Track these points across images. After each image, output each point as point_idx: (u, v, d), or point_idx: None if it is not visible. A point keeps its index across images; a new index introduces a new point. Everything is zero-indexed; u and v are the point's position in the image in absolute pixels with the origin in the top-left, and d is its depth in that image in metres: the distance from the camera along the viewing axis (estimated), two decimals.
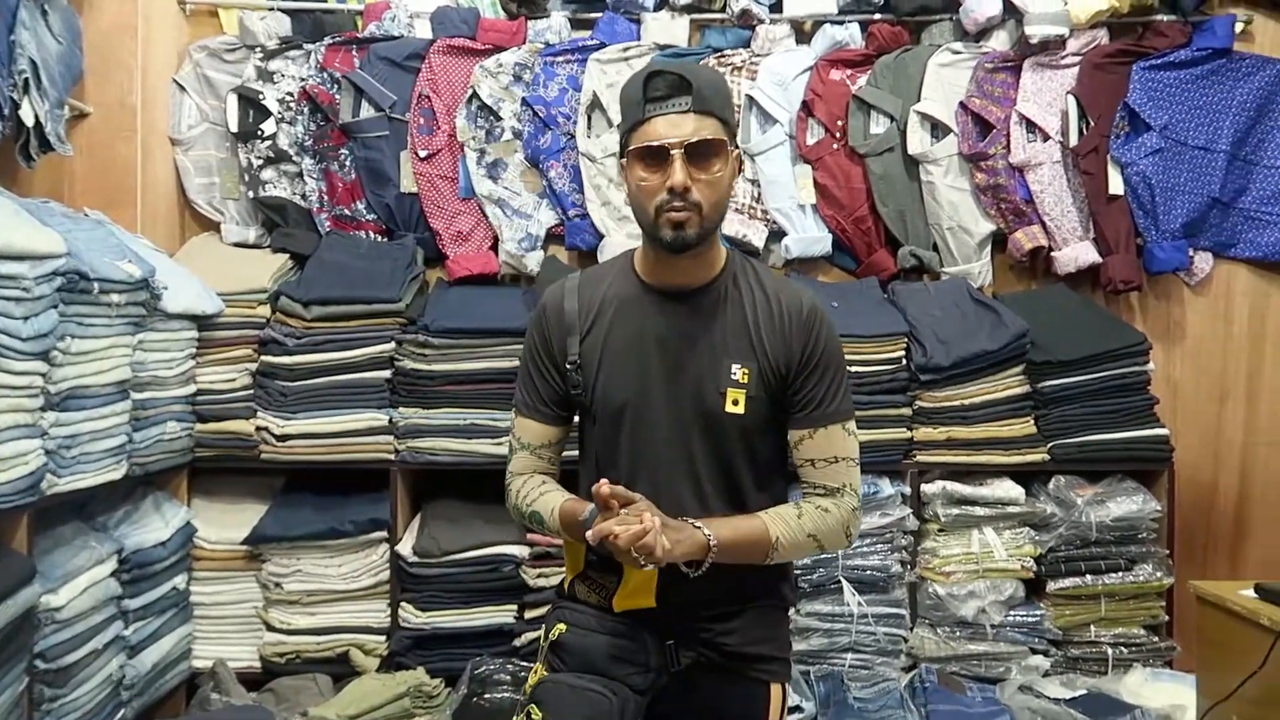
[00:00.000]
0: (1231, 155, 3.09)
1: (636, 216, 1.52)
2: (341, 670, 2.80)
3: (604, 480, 1.41)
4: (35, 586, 2.09)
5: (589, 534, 1.39)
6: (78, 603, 2.23)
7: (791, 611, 1.74)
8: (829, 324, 1.56)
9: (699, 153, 1.45)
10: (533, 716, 1.48)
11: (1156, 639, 2.83)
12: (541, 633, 1.63)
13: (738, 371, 1.52)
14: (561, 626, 1.56)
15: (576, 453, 1.68)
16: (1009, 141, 3.06)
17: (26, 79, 2.43)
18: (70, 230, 2.30)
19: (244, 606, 2.89)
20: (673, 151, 1.43)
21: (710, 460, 1.54)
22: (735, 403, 1.52)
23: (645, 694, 1.52)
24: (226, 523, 2.89)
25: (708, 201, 1.46)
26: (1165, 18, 3.10)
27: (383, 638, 2.85)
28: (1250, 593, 2.24)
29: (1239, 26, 3.11)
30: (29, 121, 2.46)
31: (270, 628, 2.85)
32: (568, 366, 1.56)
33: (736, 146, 1.54)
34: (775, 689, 1.59)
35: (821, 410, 1.53)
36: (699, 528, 1.44)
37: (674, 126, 1.44)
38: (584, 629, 1.55)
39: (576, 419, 1.66)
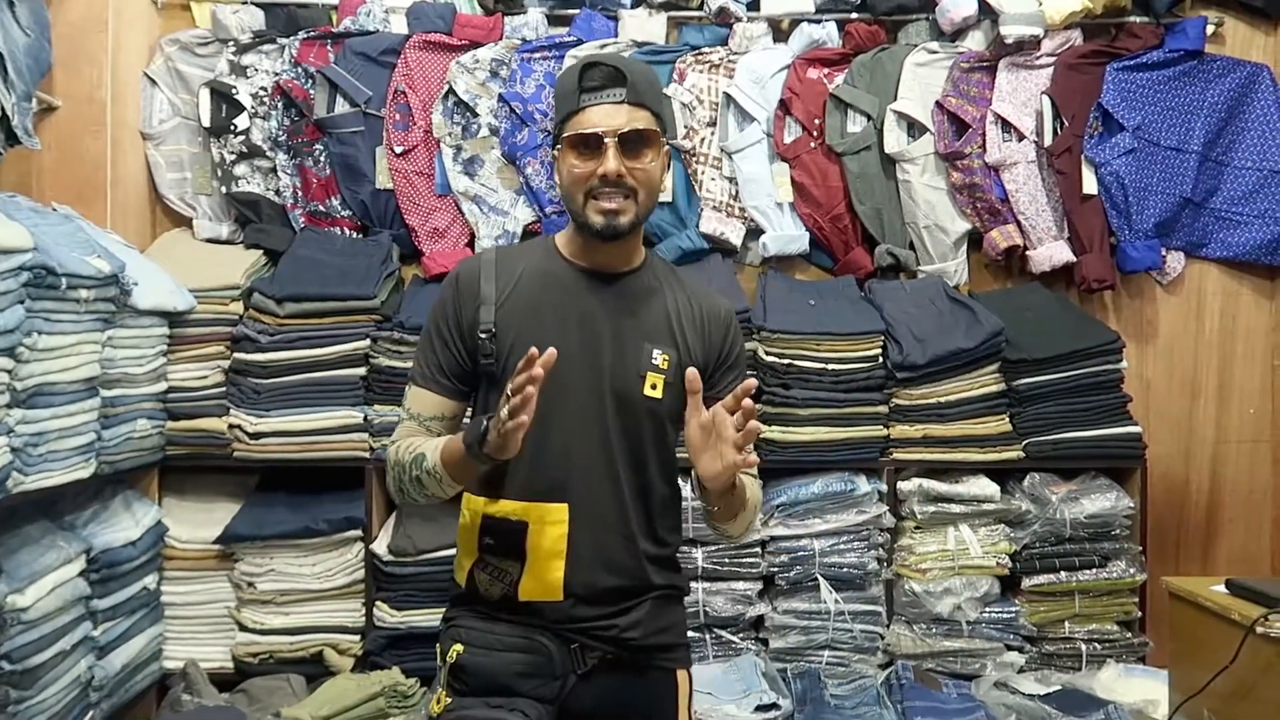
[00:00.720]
0: (1203, 156, 3.12)
1: (567, 205, 1.53)
2: (315, 670, 2.77)
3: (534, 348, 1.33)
4: (1, 586, 2.05)
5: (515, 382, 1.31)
6: (45, 603, 2.20)
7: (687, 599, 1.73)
8: (739, 327, 1.67)
9: (632, 142, 1.47)
10: None
11: (1130, 635, 2.85)
12: (437, 651, 1.57)
13: (659, 357, 1.54)
14: (459, 648, 1.52)
15: None
16: (984, 141, 3.08)
17: None
18: (37, 224, 2.27)
19: (216, 606, 2.85)
20: (606, 140, 1.46)
21: (622, 440, 1.53)
22: (654, 387, 1.53)
23: (554, 702, 1.51)
24: (198, 522, 2.85)
25: (642, 189, 1.49)
26: (1138, 19, 3.13)
27: (357, 637, 2.82)
28: (1222, 588, 2.26)
29: (1210, 29, 3.15)
30: None
31: (243, 628, 2.81)
32: (481, 335, 1.52)
33: (667, 143, 1.57)
34: (682, 675, 1.61)
35: None
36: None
37: (608, 116, 1.47)
38: (483, 648, 1.52)
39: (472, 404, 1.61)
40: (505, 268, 1.57)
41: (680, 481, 1.66)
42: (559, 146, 1.52)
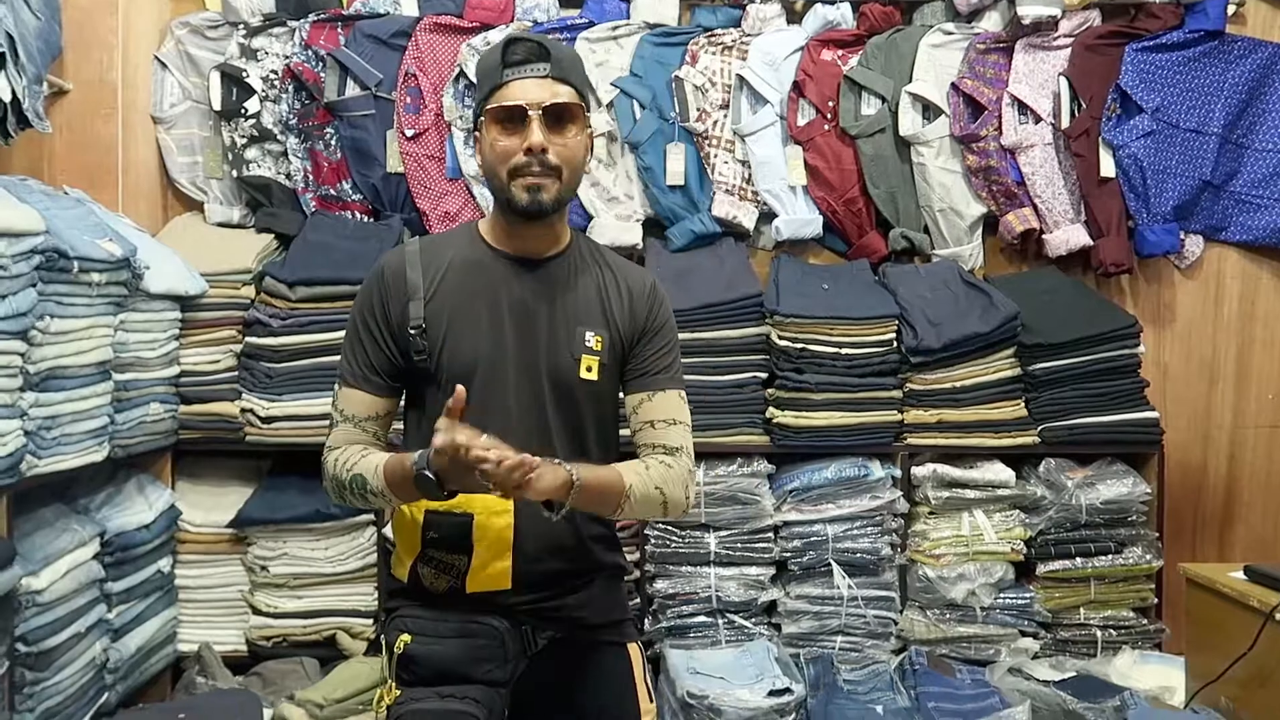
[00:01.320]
0: (1223, 138, 3.08)
1: (489, 182, 1.51)
2: (328, 654, 2.78)
3: (460, 388, 1.30)
4: (15, 569, 2.06)
5: (438, 440, 1.26)
6: (59, 585, 2.20)
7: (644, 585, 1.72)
8: (667, 300, 1.63)
9: (556, 116, 1.46)
10: None
11: (1145, 621, 2.84)
12: (383, 643, 1.54)
13: (592, 339, 1.53)
14: (406, 638, 1.49)
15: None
16: (1000, 123, 3.04)
17: (3, 54, 2.37)
18: (49, 208, 2.26)
19: (229, 590, 2.85)
20: (530, 113, 1.44)
21: (562, 427, 1.52)
22: (589, 369, 1.52)
23: (507, 685, 1.50)
24: (211, 505, 2.86)
25: (566, 165, 1.47)
26: None
27: (370, 621, 2.82)
28: (1240, 574, 2.25)
29: (1231, 9, 3.10)
30: (6, 98, 2.40)
31: (256, 611, 2.82)
32: (411, 331, 1.49)
33: (589, 125, 1.54)
34: (634, 648, 1.61)
35: (660, 376, 1.58)
36: (560, 464, 1.39)
37: (532, 89, 1.45)
38: (430, 636, 1.49)
39: (404, 396, 1.58)
40: (431, 259, 1.54)
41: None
42: (480, 123, 1.49)
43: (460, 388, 1.31)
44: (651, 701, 1.59)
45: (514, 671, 1.50)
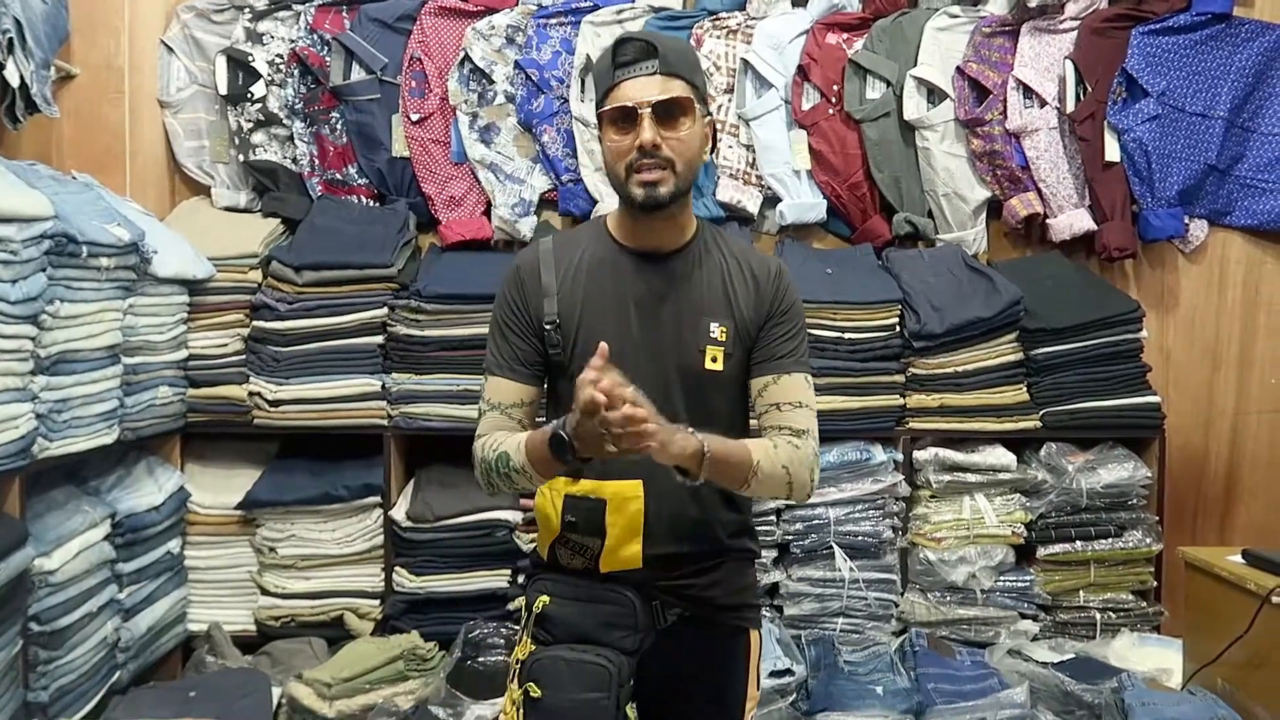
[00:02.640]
0: (1229, 122, 3.07)
1: (610, 180, 1.55)
2: (336, 634, 2.82)
3: (603, 344, 1.36)
4: (28, 549, 2.10)
5: (583, 396, 1.31)
6: (71, 566, 2.24)
7: (765, 574, 1.75)
8: (794, 284, 1.64)
9: (666, 112, 1.49)
10: (531, 694, 1.49)
11: (1145, 604, 2.85)
12: (522, 605, 1.62)
13: (716, 330, 1.56)
14: (545, 599, 1.57)
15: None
16: (1005, 107, 3.04)
17: (11, 39, 2.39)
18: (58, 193, 2.29)
19: (238, 570, 2.90)
20: (641, 111, 1.48)
21: (692, 417, 1.54)
22: (714, 360, 1.56)
23: (635, 655, 1.55)
24: (220, 488, 2.89)
25: (679, 159, 1.50)
26: None
27: (377, 602, 2.87)
28: (1238, 558, 2.26)
29: None
30: (14, 82, 2.42)
31: (265, 592, 2.86)
32: (545, 327, 1.56)
33: (709, 113, 1.57)
34: (754, 635, 1.66)
35: (786, 359, 1.59)
36: (692, 432, 1.43)
37: (642, 88, 1.49)
38: (567, 599, 1.56)
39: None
40: (563, 256, 1.60)
41: None
42: (600, 124, 1.54)
43: (603, 344, 1.35)
44: (758, 689, 1.65)
45: (642, 643, 1.55)
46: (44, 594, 2.17)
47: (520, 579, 2.80)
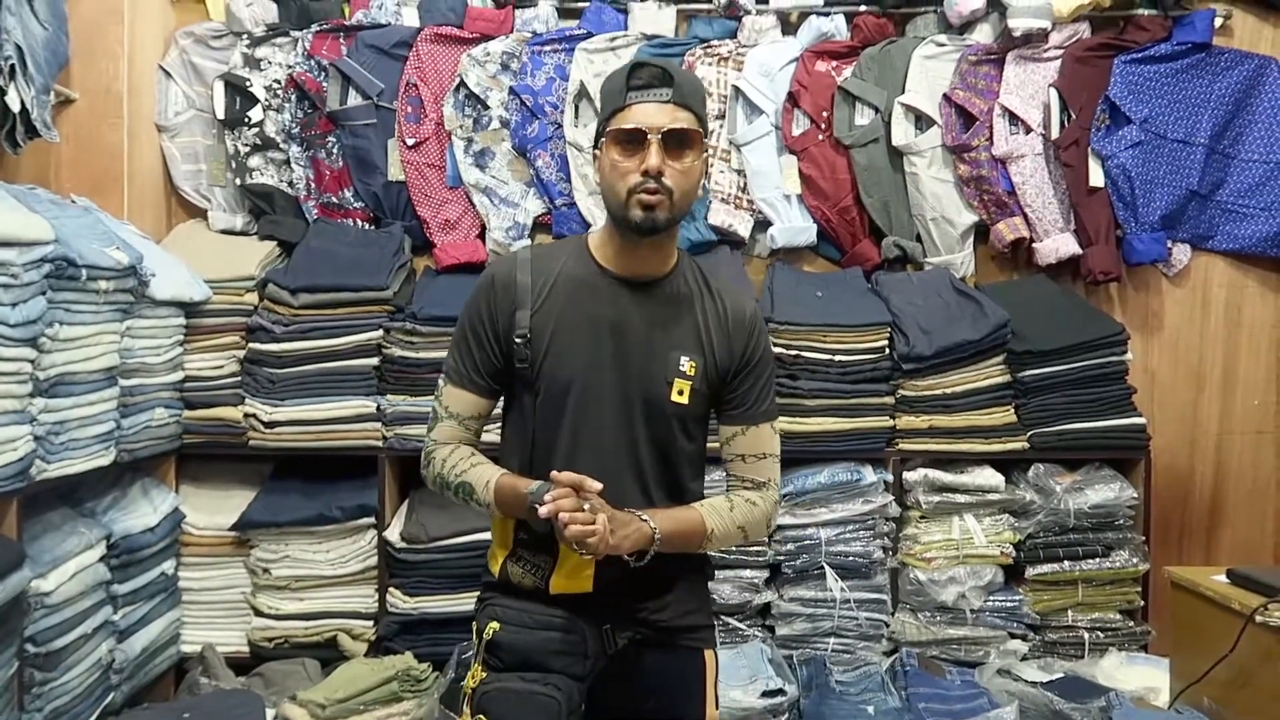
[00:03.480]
0: (1210, 148, 3.14)
1: (606, 199, 1.56)
2: (329, 655, 2.82)
3: (563, 473, 1.44)
4: (25, 571, 2.10)
5: (542, 509, 1.40)
6: (67, 587, 2.25)
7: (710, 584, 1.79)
8: (765, 329, 1.68)
9: (675, 141, 1.50)
10: None
11: (1132, 623, 2.88)
12: (474, 629, 1.63)
13: (686, 364, 1.58)
14: (495, 625, 1.57)
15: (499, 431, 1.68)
16: (992, 134, 3.10)
17: (13, 65, 2.42)
18: (58, 217, 2.31)
19: (232, 591, 2.90)
20: (650, 136, 1.49)
21: (651, 446, 1.58)
22: (680, 393, 1.58)
23: (585, 680, 1.56)
24: (215, 509, 2.90)
25: (679, 189, 1.51)
26: (1146, 12, 3.14)
27: (370, 623, 2.87)
28: (1222, 578, 2.29)
29: (1218, 21, 3.15)
30: (15, 108, 2.45)
31: (258, 613, 2.86)
32: (516, 340, 1.56)
33: (707, 149, 1.59)
34: (709, 655, 1.66)
35: (755, 409, 1.63)
36: (645, 520, 1.49)
37: (654, 114, 1.50)
38: (518, 625, 1.57)
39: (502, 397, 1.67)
40: (540, 269, 1.59)
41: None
42: (601, 143, 1.55)
43: (597, 485, 1.43)
44: (716, 709, 1.66)
45: (593, 668, 1.57)
46: (40, 616, 2.17)
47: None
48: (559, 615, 1.56)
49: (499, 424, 1.67)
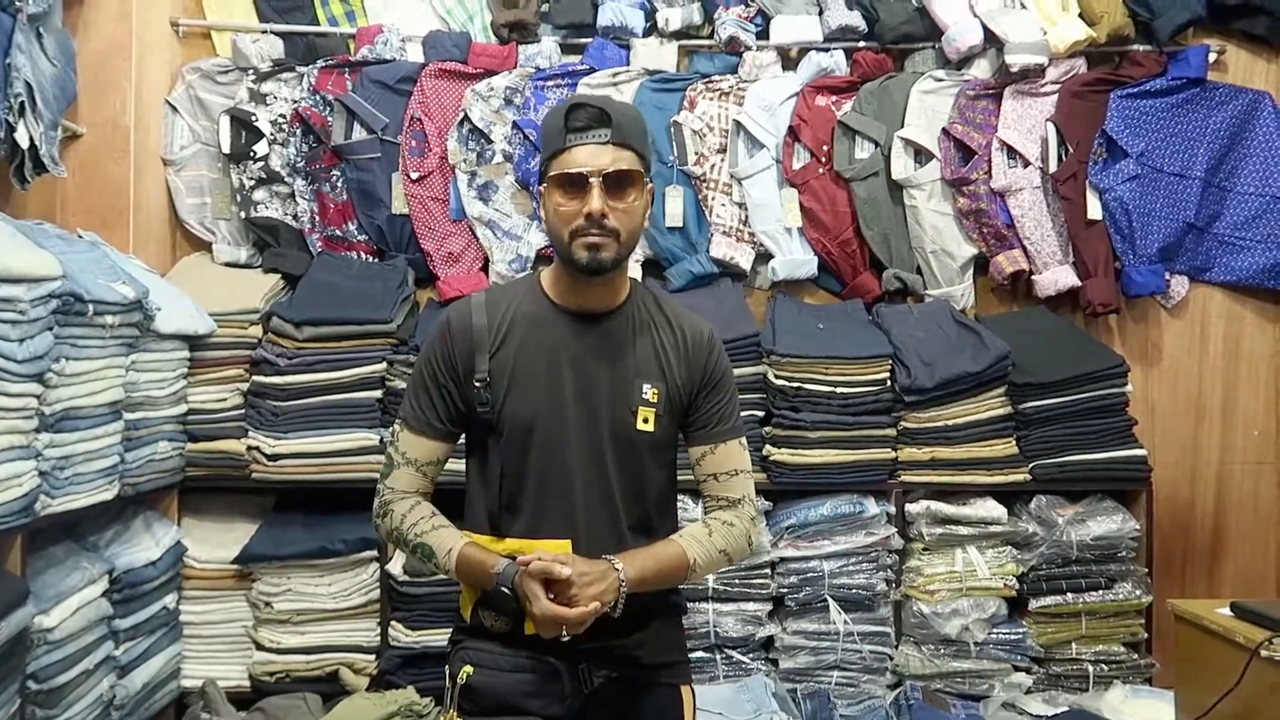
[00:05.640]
0: (1206, 182, 3.17)
1: (552, 241, 1.57)
2: (331, 689, 2.80)
3: (536, 557, 1.46)
4: (29, 608, 2.09)
5: (539, 616, 1.44)
6: (69, 623, 2.24)
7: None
8: (723, 349, 1.69)
9: (616, 182, 1.51)
10: None
11: (1136, 656, 2.88)
12: (446, 673, 1.61)
13: (649, 391, 1.59)
14: (469, 669, 1.56)
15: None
16: (990, 167, 3.13)
17: (22, 102, 2.44)
18: (65, 252, 2.32)
19: (234, 626, 2.89)
20: (591, 180, 1.49)
21: (622, 478, 1.58)
22: (646, 421, 1.58)
23: None
24: (217, 542, 2.89)
25: (624, 229, 1.52)
26: (1141, 48, 3.19)
27: (373, 657, 2.85)
28: (1227, 611, 2.28)
29: (1212, 56, 3.20)
30: (24, 144, 2.47)
31: (260, 647, 2.85)
32: (476, 384, 1.56)
33: (650, 180, 1.60)
34: (686, 691, 1.66)
35: (721, 427, 1.65)
36: (616, 569, 1.49)
37: (593, 156, 1.50)
38: (492, 669, 1.56)
39: (464, 439, 1.66)
40: (495, 311, 1.60)
41: (679, 502, 1.74)
42: (544, 185, 1.56)
43: (567, 570, 1.44)
44: None
45: (570, 709, 1.56)
46: (42, 652, 2.16)
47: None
48: (533, 656, 1.55)
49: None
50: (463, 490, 1.68)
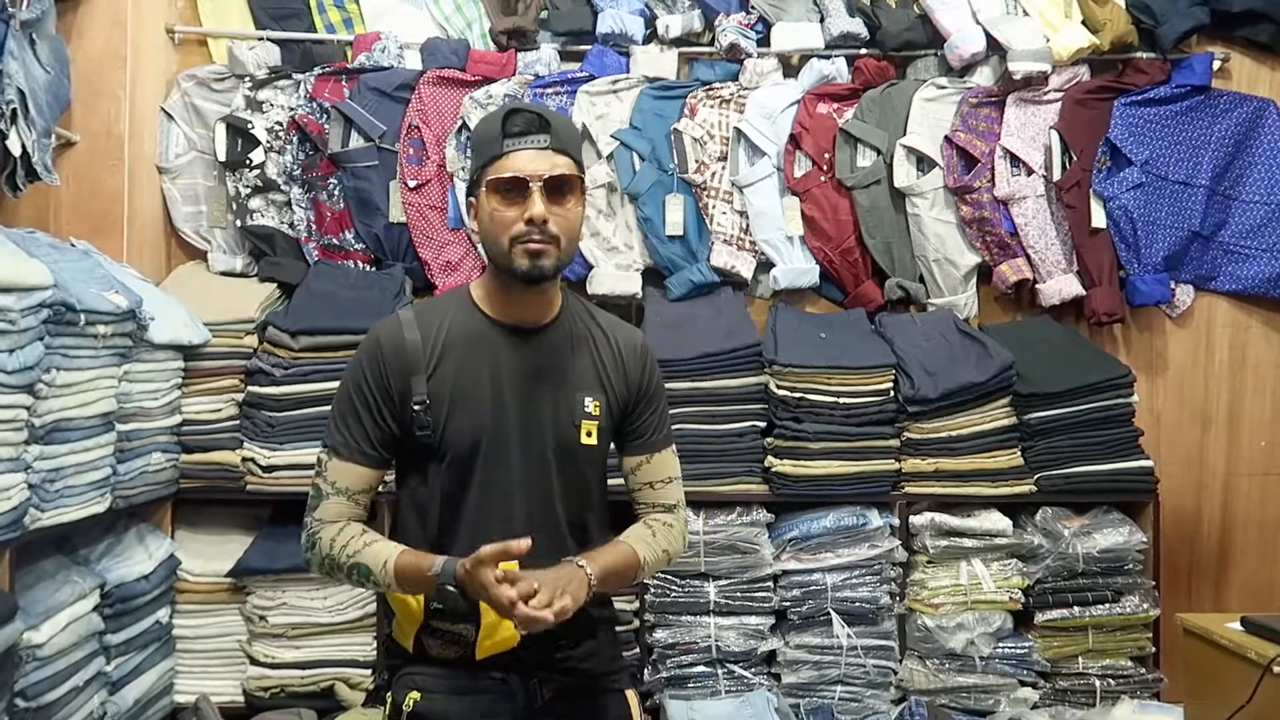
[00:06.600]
0: (1211, 190, 3.14)
1: (488, 250, 1.53)
2: (327, 704, 2.76)
3: (485, 548, 1.37)
4: (17, 624, 2.06)
5: (519, 622, 1.34)
6: (59, 639, 2.20)
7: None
8: (655, 358, 1.69)
9: (556, 188, 1.48)
10: None
11: (1144, 670, 2.84)
12: (388, 701, 1.54)
13: (590, 404, 1.58)
14: (415, 695, 1.50)
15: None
16: (993, 175, 3.10)
17: (14, 109, 2.42)
18: (57, 261, 2.29)
19: (228, 640, 2.85)
20: (532, 184, 1.46)
21: (566, 493, 1.56)
22: (589, 434, 1.57)
23: None
24: (211, 555, 2.86)
25: (564, 235, 1.49)
26: (1145, 55, 3.16)
27: (368, 671, 2.81)
28: (1237, 625, 2.25)
29: (1216, 64, 3.18)
30: (16, 151, 2.44)
31: (254, 661, 2.81)
32: (415, 407, 1.50)
33: (585, 193, 1.58)
34: (631, 694, 1.66)
35: (656, 437, 1.65)
36: (581, 566, 1.47)
37: (532, 161, 1.47)
38: (439, 693, 1.51)
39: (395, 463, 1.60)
40: (428, 330, 1.53)
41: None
42: (478, 192, 1.52)
43: (524, 543, 1.34)
44: None
45: None
46: (31, 669, 2.12)
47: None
48: (483, 676, 1.51)
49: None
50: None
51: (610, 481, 1.67)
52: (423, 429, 1.50)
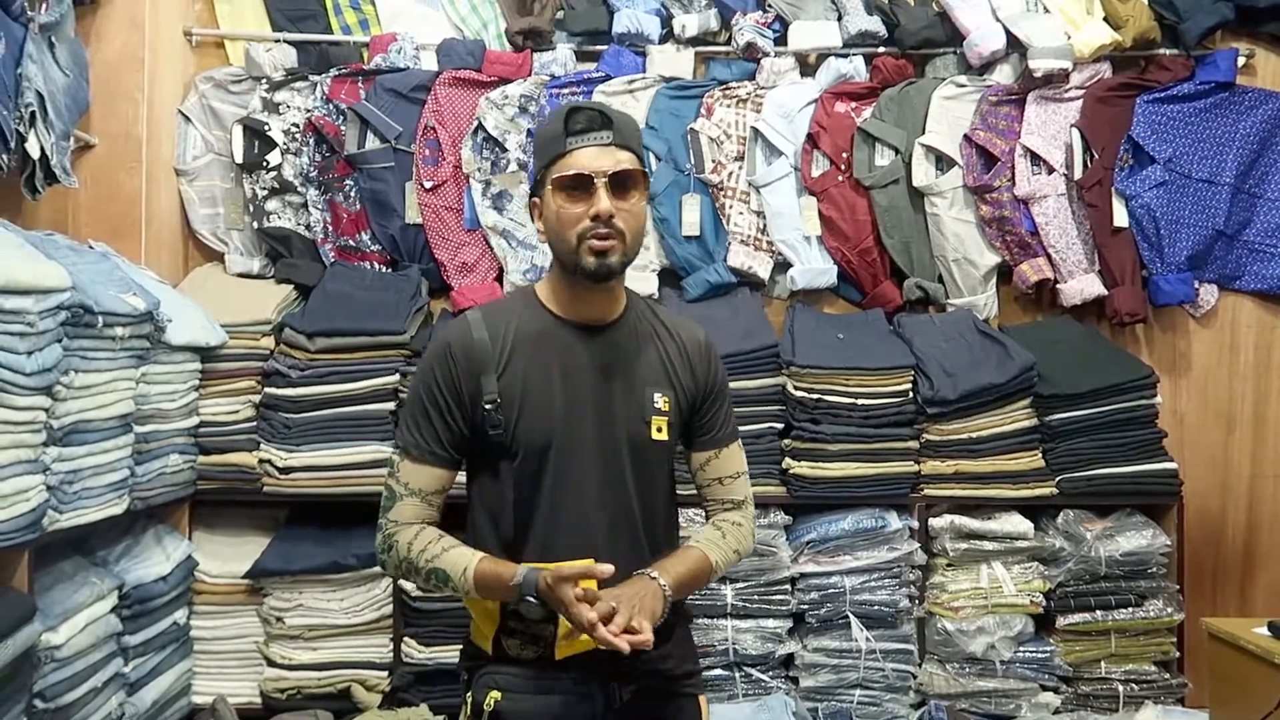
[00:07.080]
0: (1235, 188, 3.10)
1: (554, 247, 1.53)
2: (343, 706, 2.76)
3: (563, 566, 1.40)
4: (36, 625, 2.06)
5: (600, 639, 1.36)
6: (77, 640, 2.20)
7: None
8: (719, 356, 1.70)
9: (621, 183, 1.49)
10: None
11: (1168, 675, 2.81)
12: (468, 701, 1.55)
13: (660, 400, 1.58)
14: (496, 694, 1.51)
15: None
16: (1013, 174, 3.07)
17: (33, 111, 2.42)
18: (75, 263, 2.29)
19: (245, 641, 2.85)
20: (597, 180, 1.47)
21: (637, 485, 1.56)
22: (660, 430, 1.58)
23: None
24: (228, 556, 2.86)
25: (629, 230, 1.50)
26: (1168, 51, 3.12)
27: (385, 673, 2.81)
28: (1264, 630, 2.22)
29: (1241, 60, 3.13)
30: (35, 154, 2.45)
31: (271, 663, 2.81)
32: (486, 406, 1.50)
33: (649, 189, 1.59)
34: (703, 700, 1.66)
35: (722, 432, 1.67)
36: (654, 578, 1.48)
37: (596, 157, 1.48)
38: (521, 693, 1.52)
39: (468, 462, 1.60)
40: (495, 330, 1.54)
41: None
42: (543, 191, 1.52)
43: (606, 568, 1.39)
44: None
45: None
46: (49, 670, 2.12)
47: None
48: (563, 676, 1.52)
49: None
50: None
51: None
52: (495, 428, 1.51)
